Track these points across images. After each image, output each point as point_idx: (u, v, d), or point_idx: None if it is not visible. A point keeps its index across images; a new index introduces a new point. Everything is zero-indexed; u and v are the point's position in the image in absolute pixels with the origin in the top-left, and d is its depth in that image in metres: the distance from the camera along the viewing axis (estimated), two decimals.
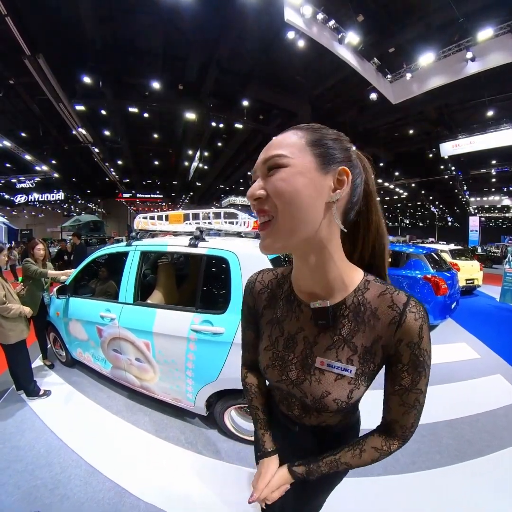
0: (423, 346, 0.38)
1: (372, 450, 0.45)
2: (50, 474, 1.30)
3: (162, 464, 1.38)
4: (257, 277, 0.52)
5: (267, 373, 0.47)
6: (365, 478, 1.28)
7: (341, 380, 0.40)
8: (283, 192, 0.32)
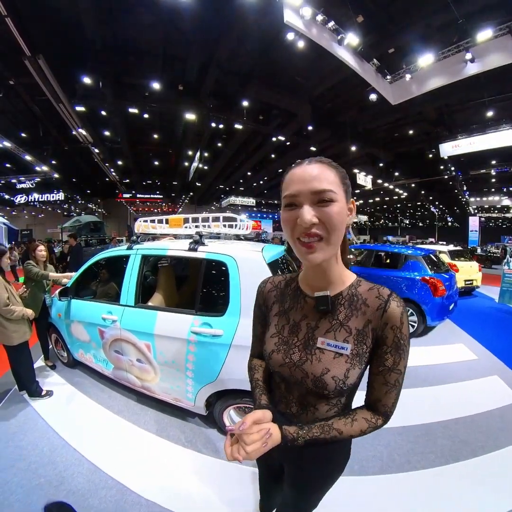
0: (403, 330, 0.47)
1: (362, 420, 0.51)
2: (54, 472, 1.33)
3: (162, 463, 1.41)
4: (269, 279, 0.63)
5: (272, 358, 0.53)
6: (360, 477, 1.31)
7: (339, 358, 0.48)
8: (336, 223, 0.43)
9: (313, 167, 0.44)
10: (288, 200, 0.45)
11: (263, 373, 0.63)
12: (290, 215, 0.45)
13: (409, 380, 2.15)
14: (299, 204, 0.44)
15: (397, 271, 3.40)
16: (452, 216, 26.05)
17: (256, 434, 0.46)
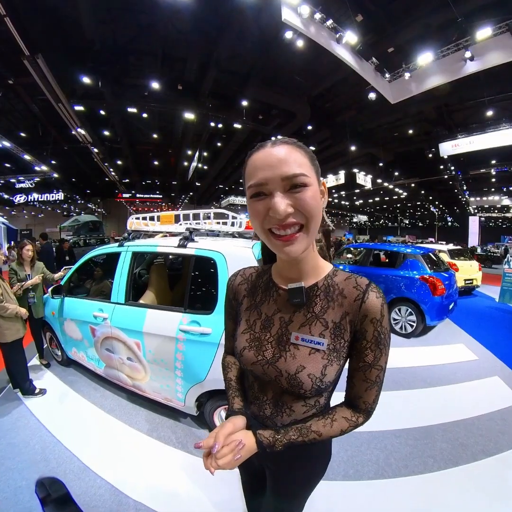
0: (384, 324, 0.44)
1: (342, 420, 0.47)
2: (44, 470, 1.31)
3: (153, 463, 1.38)
4: (239, 272, 0.59)
5: (243, 355, 0.49)
6: (356, 482, 1.28)
7: (315, 355, 0.44)
8: (313, 208, 0.39)
9: (279, 149, 0.39)
10: (255, 189, 0.39)
11: (236, 371, 0.59)
12: (259, 206, 0.39)
13: (408, 381, 2.13)
14: (268, 192, 0.39)
15: (395, 270, 3.36)
16: (452, 216, 26.01)
17: (226, 447, 0.42)
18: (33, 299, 2.11)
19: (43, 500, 0.30)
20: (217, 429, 0.45)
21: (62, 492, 0.32)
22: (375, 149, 11.85)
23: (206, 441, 0.43)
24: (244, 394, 0.56)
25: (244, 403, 0.54)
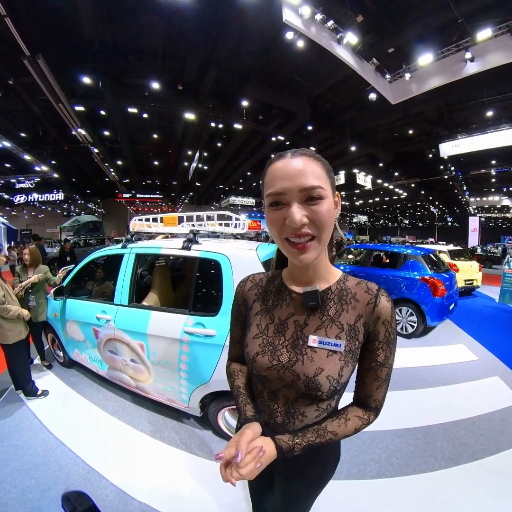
0: (393, 325, 0.47)
1: (355, 419, 0.49)
2: (47, 473, 1.32)
3: (156, 464, 1.39)
4: (249, 277, 0.59)
5: (256, 361, 0.48)
6: (358, 481, 1.29)
7: (333, 356, 0.45)
8: (327, 220, 0.42)
9: (298, 160, 0.41)
10: (273, 198, 0.42)
11: (243, 378, 0.58)
12: (277, 215, 0.42)
13: (409, 382, 2.14)
14: (286, 202, 0.41)
15: (396, 270, 3.37)
16: (452, 216, 26.03)
17: (248, 455, 0.41)
18: (32, 302, 2.09)
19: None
20: (236, 438, 0.44)
21: (88, 505, 0.33)
22: (375, 149, 11.86)
23: (227, 451, 0.42)
24: (254, 402, 0.55)
25: (255, 410, 0.54)
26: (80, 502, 0.33)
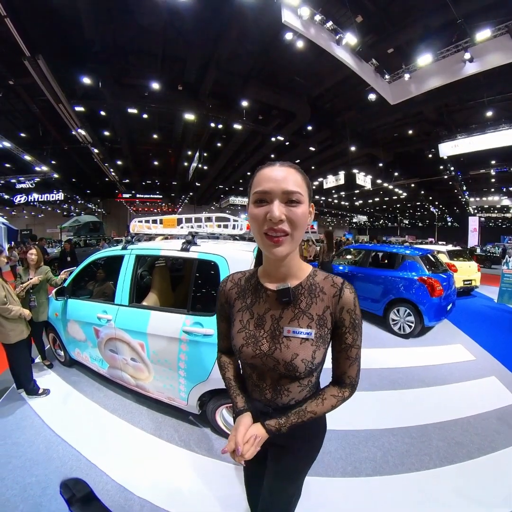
0: (357, 312, 0.55)
1: (331, 397, 0.57)
2: (48, 470, 1.34)
3: (156, 461, 1.41)
4: (229, 277, 0.66)
5: (242, 351, 0.56)
6: (354, 479, 1.31)
7: (305, 343, 0.53)
8: (301, 222, 0.49)
9: (284, 169, 0.49)
10: (259, 196, 0.48)
11: (233, 371, 0.66)
12: (260, 210, 0.48)
13: (406, 381, 2.16)
14: (269, 200, 0.48)
15: (394, 271, 3.39)
16: (451, 216, 26.02)
17: (246, 444, 0.53)
18: (33, 303, 2.10)
19: (69, 500, 0.32)
20: (233, 433, 0.55)
21: (86, 491, 0.33)
22: (375, 149, 11.86)
23: (228, 446, 0.54)
24: (244, 387, 0.64)
25: (245, 397, 0.62)
26: (78, 489, 0.33)
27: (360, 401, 1.79)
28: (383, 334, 3.25)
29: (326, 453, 1.44)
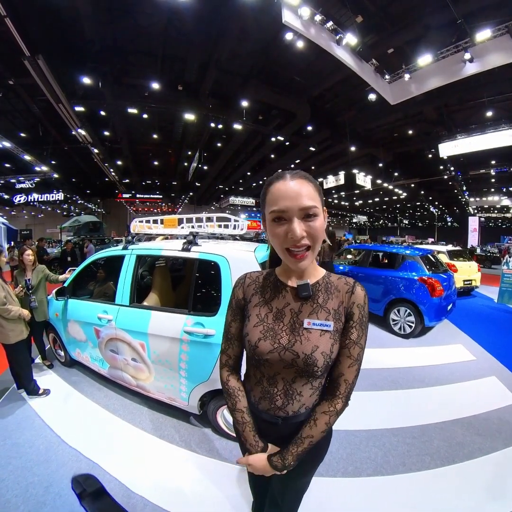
0: (366, 309, 0.58)
1: (322, 415, 0.56)
2: (49, 470, 1.34)
3: (157, 462, 1.41)
4: (247, 274, 0.67)
5: (259, 346, 0.56)
6: (354, 479, 1.31)
7: (325, 335, 0.55)
8: (320, 234, 0.52)
9: (296, 183, 0.51)
10: (277, 215, 0.51)
11: (244, 400, 0.63)
12: (280, 229, 0.51)
13: (406, 381, 2.15)
14: (287, 218, 0.50)
15: (394, 271, 3.39)
16: (451, 216, 26.02)
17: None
18: (34, 303, 2.11)
19: (80, 495, 0.33)
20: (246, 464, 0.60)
21: (96, 486, 0.34)
22: (375, 149, 11.86)
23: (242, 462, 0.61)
24: (251, 394, 0.63)
25: (250, 405, 0.62)
26: (89, 484, 0.34)
27: (361, 401, 1.79)
28: (383, 334, 3.25)
29: (327, 453, 1.44)
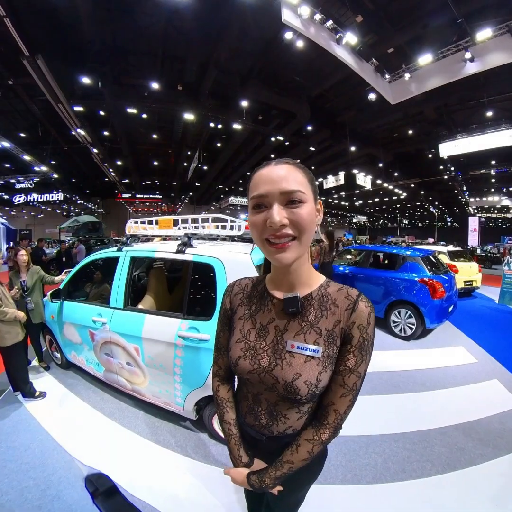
0: (369, 331, 0.46)
1: (305, 442, 0.49)
2: (45, 473, 1.31)
3: (152, 467, 1.38)
4: (236, 282, 0.60)
5: (239, 364, 0.50)
6: (354, 486, 1.28)
7: (310, 362, 0.46)
8: (307, 223, 0.43)
9: (281, 167, 0.43)
10: (256, 201, 0.44)
11: (232, 412, 0.58)
12: (258, 216, 0.44)
13: (407, 385, 2.13)
14: (268, 204, 0.43)
15: (395, 272, 3.36)
16: (451, 216, 25.99)
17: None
18: (30, 305, 2.10)
19: (93, 493, 0.34)
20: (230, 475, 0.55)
21: (108, 485, 0.35)
22: (375, 149, 11.84)
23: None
24: (238, 405, 0.58)
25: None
26: (101, 483, 0.35)
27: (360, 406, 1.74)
28: (383, 336, 3.22)
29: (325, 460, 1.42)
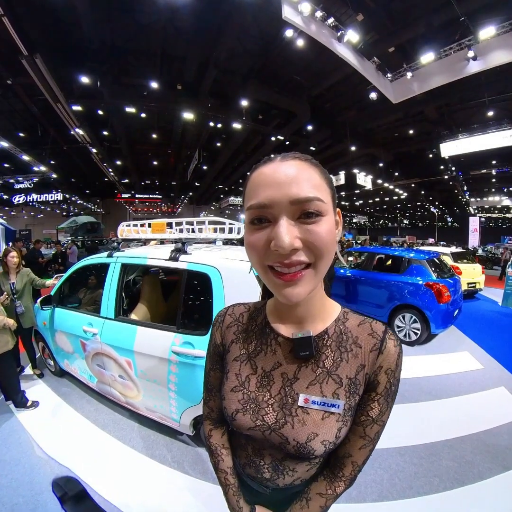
0: (397, 375, 0.38)
1: (317, 497, 0.42)
2: (34, 491, 1.25)
3: (148, 483, 1.32)
4: (227, 310, 0.47)
5: (236, 419, 0.40)
6: (358, 505, 1.21)
7: (329, 418, 0.37)
8: (327, 245, 0.30)
9: (290, 164, 0.30)
10: (256, 213, 0.31)
11: (229, 460, 0.48)
12: (258, 236, 0.31)
13: (412, 394, 2.06)
14: (272, 218, 0.30)
15: (400, 275, 3.28)
16: (452, 216, 25.92)
17: None
18: (20, 308, 2.03)
19: (61, 498, 0.32)
20: None
21: (78, 489, 0.33)
22: (376, 149, 11.77)
23: None
24: (235, 453, 0.49)
25: (235, 465, 0.48)
26: (70, 487, 0.33)
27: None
28: None
29: None
